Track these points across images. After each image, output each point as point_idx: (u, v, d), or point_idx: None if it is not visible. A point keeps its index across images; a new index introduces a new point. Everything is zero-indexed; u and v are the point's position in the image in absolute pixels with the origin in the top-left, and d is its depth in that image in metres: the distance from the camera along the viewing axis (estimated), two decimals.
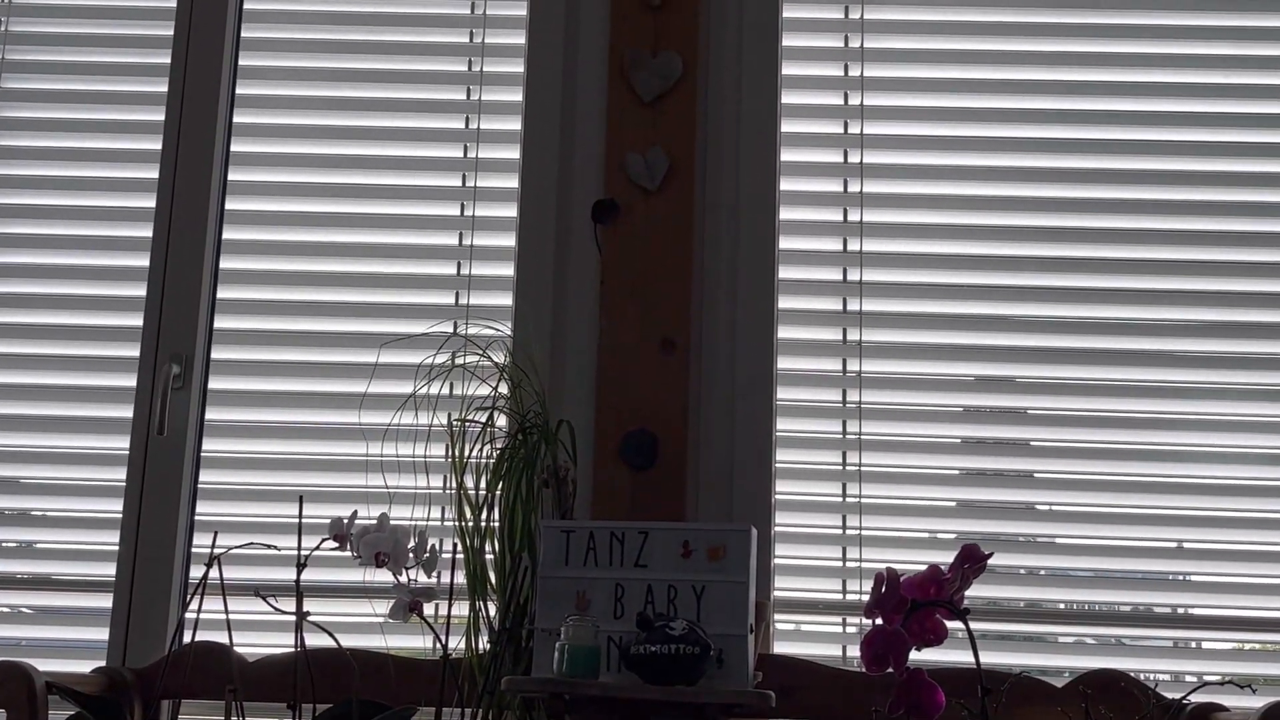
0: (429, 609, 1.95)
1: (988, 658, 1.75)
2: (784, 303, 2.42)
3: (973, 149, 2.48)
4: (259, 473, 2.42)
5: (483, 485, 2.08)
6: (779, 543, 2.33)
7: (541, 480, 2.09)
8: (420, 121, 2.54)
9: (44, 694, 1.92)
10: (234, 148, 2.54)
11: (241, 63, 2.57)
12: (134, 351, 2.45)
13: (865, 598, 1.78)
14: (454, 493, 2.09)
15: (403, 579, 1.95)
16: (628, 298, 2.35)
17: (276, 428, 2.44)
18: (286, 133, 2.55)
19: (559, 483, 2.11)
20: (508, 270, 2.46)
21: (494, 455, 2.09)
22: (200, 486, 2.42)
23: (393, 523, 1.97)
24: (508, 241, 2.47)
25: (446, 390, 2.19)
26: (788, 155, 2.47)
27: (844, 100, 2.51)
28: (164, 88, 2.53)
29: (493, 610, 2.05)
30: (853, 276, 2.44)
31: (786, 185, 2.46)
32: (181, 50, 2.55)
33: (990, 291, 2.43)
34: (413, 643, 2.20)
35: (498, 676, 1.94)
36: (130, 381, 2.44)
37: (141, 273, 2.48)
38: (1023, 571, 2.38)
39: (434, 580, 1.98)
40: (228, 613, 1.91)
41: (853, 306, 2.43)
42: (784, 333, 2.41)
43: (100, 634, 2.36)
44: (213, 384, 2.46)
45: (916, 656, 1.71)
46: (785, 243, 2.43)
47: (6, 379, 2.50)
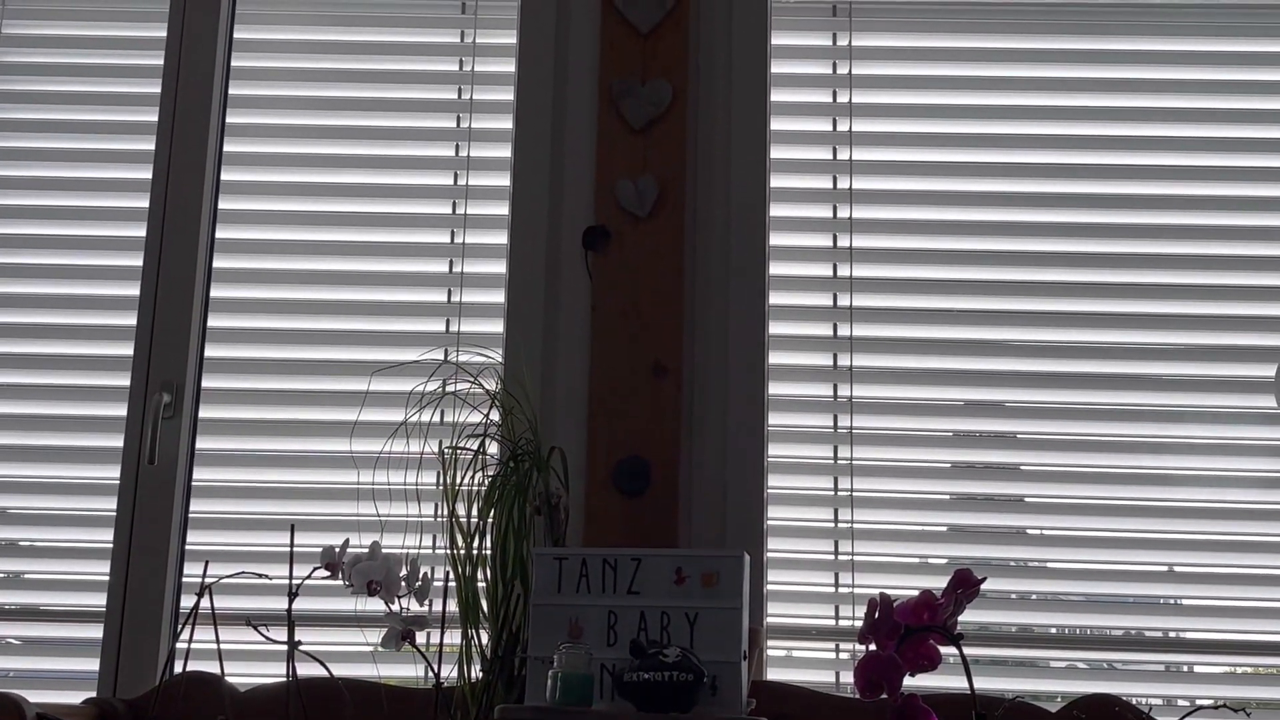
0: (421, 638, 1.94)
1: (980, 683, 1.75)
2: (774, 328, 2.42)
3: (963, 176, 2.49)
4: (250, 501, 2.42)
5: (474, 513, 2.07)
6: (772, 569, 2.33)
7: (534, 507, 2.08)
8: (410, 149, 2.55)
9: None
10: (224, 176, 2.54)
11: (232, 91, 2.58)
12: (124, 380, 2.45)
13: (858, 623, 1.78)
14: (446, 520, 2.08)
15: (395, 607, 1.95)
16: (619, 324, 2.36)
17: (267, 456, 2.44)
18: (281, 161, 2.55)
19: (551, 510, 2.10)
20: (499, 297, 2.46)
21: (486, 482, 2.09)
22: (191, 515, 2.41)
23: (385, 551, 1.96)
24: (499, 268, 2.47)
25: (438, 418, 2.18)
26: (777, 181, 2.47)
27: (833, 126, 2.52)
28: (154, 118, 2.54)
29: (485, 638, 2.04)
30: (843, 302, 2.44)
31: (776, 211, 2.46)
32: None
33: (980, 316, 2.43)
34: (405, 672, 2.20)
35: (491, 705, 1.94)
36: (121, 411, 2.44)
37: (132, 301, 2.48)
38: (1014, 596, 2.38)
39: (426, 609, 1.97)
40: (219, 642, 1.90)
41: (843, 332, 2.43)
42: (775, 358, 2.41)
43: (91, 664, 2.34)
44: (203, 413, 2.45)
45: (910, 682, 1.71)
46: (775, 268, 2.44)
47: None
